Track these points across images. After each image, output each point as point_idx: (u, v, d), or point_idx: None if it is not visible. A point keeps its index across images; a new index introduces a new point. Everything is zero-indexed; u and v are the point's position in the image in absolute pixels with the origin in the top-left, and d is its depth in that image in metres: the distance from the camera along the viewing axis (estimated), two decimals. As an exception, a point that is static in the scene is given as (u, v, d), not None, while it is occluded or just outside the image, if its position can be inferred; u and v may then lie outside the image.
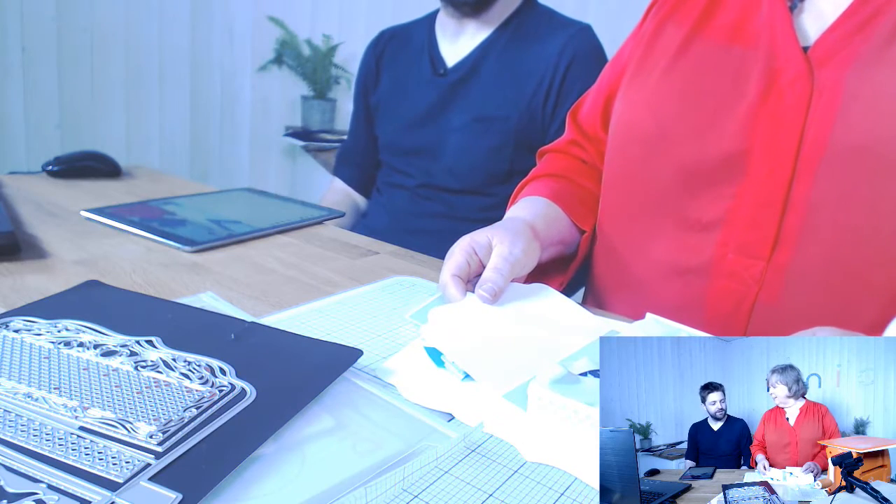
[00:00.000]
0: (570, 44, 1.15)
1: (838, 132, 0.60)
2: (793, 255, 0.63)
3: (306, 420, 0.43)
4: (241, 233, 0.83)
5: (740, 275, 0.65)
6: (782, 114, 0.63)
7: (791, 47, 0.64)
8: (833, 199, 0.61)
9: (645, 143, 0.73)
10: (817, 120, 0.61)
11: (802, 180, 0.62)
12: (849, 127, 0.60)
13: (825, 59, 0.63)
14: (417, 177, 1.24)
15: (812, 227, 0.62)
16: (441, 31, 1.27)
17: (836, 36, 0.63)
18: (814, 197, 0.62)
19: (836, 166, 0.60)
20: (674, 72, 0.72)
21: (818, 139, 0.61)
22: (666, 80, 0.72)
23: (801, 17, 0.67)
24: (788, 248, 0.63)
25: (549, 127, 1.17)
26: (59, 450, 0.37)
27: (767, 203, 0.63)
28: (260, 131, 3.05)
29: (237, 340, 0.51)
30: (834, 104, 0.61)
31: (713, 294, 0.67)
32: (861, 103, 0.60)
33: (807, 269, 0.62)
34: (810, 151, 0.61)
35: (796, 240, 0.63)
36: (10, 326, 0.52)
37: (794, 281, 0.63)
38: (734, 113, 0.66)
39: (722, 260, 0.66)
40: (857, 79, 0.60)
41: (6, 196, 0.94)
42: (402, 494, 0.38)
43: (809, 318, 0.61)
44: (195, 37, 2.82)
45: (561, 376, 0.45)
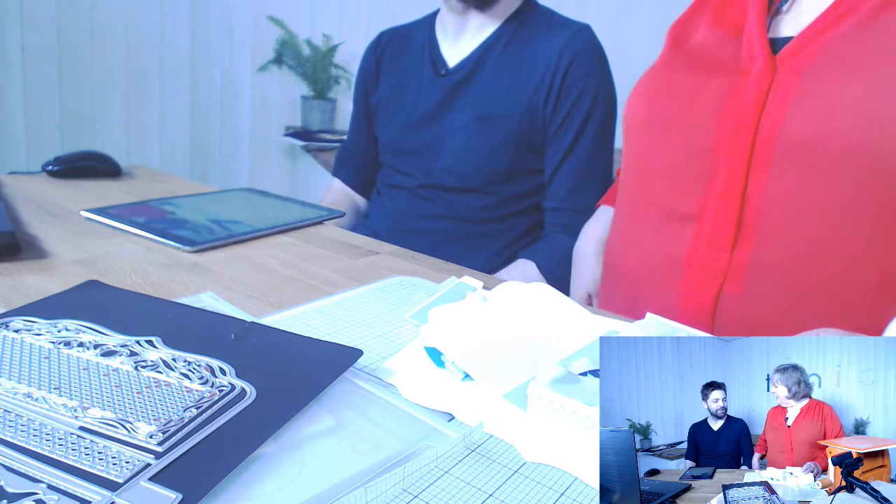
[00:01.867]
0: (570, 44, 1.15)
1: (787, 128, 0.62)
2: (754, 247, 0.64)
3: (306, 420, 0.43)
4: (241, 233, 0.83)
5: (709, 267, 0.67)
6: (742, 111, 0.65)
7: (759, 45, 0.66)
8: (786, 192, 0.63)
9: (637, 135, 0.75)
10: (770, 116, 0.63)
11: (757, 174, 0.64)
12: (797, 122, 0.62)
13: (788, 57, 0.65)
14: (418, 177, 1.24)
15: (769, 220, 0.64)
16: (442, 32, 1.27)
17: (806, 35, 0.65)
18: (767, 192, 0.63)
19: (787, 160, 0.62)
20: (672, 63, 0.74)
21: (769, 135, 0.63)
22: (663, 70, 0.74)
23: (786, 16, 0.69)
24: (749, 239, 0.65)
25: (548, 127, 1.17)
26: (59, 450, 0.37)
27: (728, 196, 0.65)
28: (260, 131, 3.05)
29: (237, 340, 0.51)
30: (786, 101, 0.63)
31: (685, 285, 0.69)
32: (811, 100, 0.62)
33: (767, 260, 0.64)
34: (763, 147, 0.64)
35: (756, 232, 0.64)
36: (10, 326, 0.52)
37: (756, 272, 0.65)
38: (707, 107, 0.68)
39: (695, 252, 0.68)
40: (811, 76, 0.63)
41: (6, 196, 0.94)
42: (402, 494, 0.38)
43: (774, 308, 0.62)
44: (195, 37, 2.82)
45: (561, 376, 0.45)
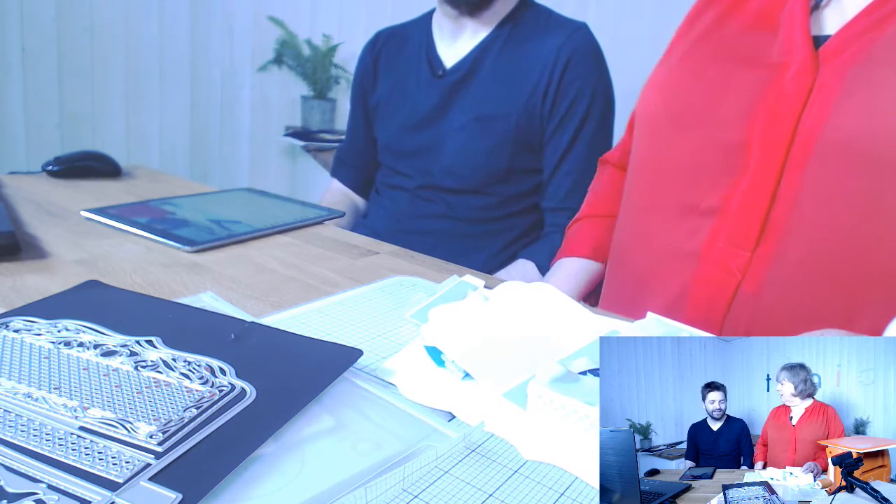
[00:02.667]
0: (567, 43, 1.15)
1: (830, 127, 0.60)
2: (776, 248, 0.63)
3: (306, 420, 0.43)
4: (241, 233, 0.83)
5: (726, 264, 0.66)
6: (780, 106, 0.63)
7: (801, 40, 0.64)
8: (819, 194, 0.61)
9: (654, 128, 0.73)
10: (813, 114, 0.62)
11: (792, 174, 0.62)
12: (841, 122, 0.60)
13: (833, 55, 0.62)
14: (417, 178, 1.24)
15: (797, 221, 0.62)
16: (438, 32, 1.27)
17: (847, 33, 0.63)
18: (801, 191, 0.62)
19: (825, 161, 0.61)
20: (691, 57, 0.72)
21: (810, 133, 0.61)
22: (683, 64, 0.72)
23: (825, 11, 0.67)
24: (773, 240, 0.63)
25: (546, 126, 1.17)
26: (59, 450, 0.37)
27: (757, 195, 0.64)
28: (260, 131, 3.05)
29: (237, 340, 0.51)
30: (830, 99, 0.61)
31: (698, 280, 0.68)
32: (856, 100, 0.60)
33: (788, 263, 0.63)
34: (802, 145, 0.62)
35: (781, 233, 0.63)
36: (10, 326, 0.52)
37: (775, 273, 0.63)
38: (738, 102, 0.66)
39: (712, 247, 0.67)
40: (857, 76, 0.60)
41: (6, 196, 0.94)
42: (402, 494, 0.38)
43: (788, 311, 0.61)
44: (195, 37, 2.82)
45: (560, 375, 0.45)
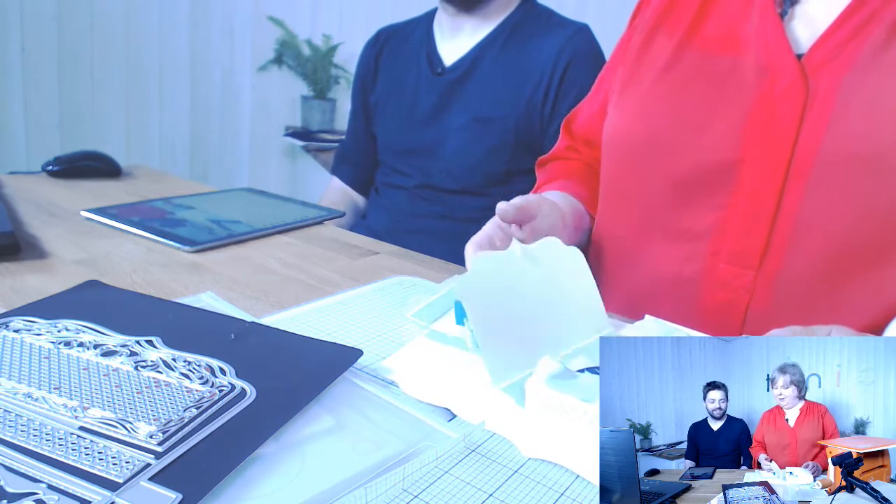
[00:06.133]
0: (568, 44, 1.15)
1: (830, 140, 0.60)
2: (783, 264, 0.62)
3: (306, 420, 0.43)
4: (241, 233, 0.83)
5: (731, 284, 0.65)
6: (775, 122, 0.62)
7: (784, 55, 0.63)
8: (823, 207, 0.60)
9: (636, 153, 0.72)
10: (810, 128, 0.61)
11: (793, 189, 0.61)
12: (841, 134, 0.59)
13: (819, 66, 0.62)
14: (416, 177, 1.23)
15: (802, 236, 0.61)
16: (439, 30, 1.27)
17: (830, 43, 0.62)
18: (804, 206, 0.61)
19: (827, 175, 0.60)
20: (665, 81, 0.71)
21: (810, 147, 0.60)
22: (657, 89, 0.71)
23: (792, 23, 0.66)
24: (778, 256, 0.62)
25: (547, 127, 1.16)
26: (59, 450, 0.37)
27: (758, 213, 0.63)
28: (260, 131, 3.05)
29: (237, 340, 0.51)
30: (827, 111, 0.60)
31: (705, 304, 0.67)
32: (854, 110, 0.59)
33: (796, 278, 0.62)
34: (802, 160, 0.61)
35: (786, 249, 0.62)
36: (10, 326, 0.52)
37: (783, 289, 0.63)
38: (725, 122, 0.65)
39: (713, 270, 0.66)
40: (851, 85, 0.60)
41: (6, 196, 0.94)
42: (402, 494, 0.38)
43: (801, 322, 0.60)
44: (195, 37, 2.81)
45: (558, 372, 0.45)
